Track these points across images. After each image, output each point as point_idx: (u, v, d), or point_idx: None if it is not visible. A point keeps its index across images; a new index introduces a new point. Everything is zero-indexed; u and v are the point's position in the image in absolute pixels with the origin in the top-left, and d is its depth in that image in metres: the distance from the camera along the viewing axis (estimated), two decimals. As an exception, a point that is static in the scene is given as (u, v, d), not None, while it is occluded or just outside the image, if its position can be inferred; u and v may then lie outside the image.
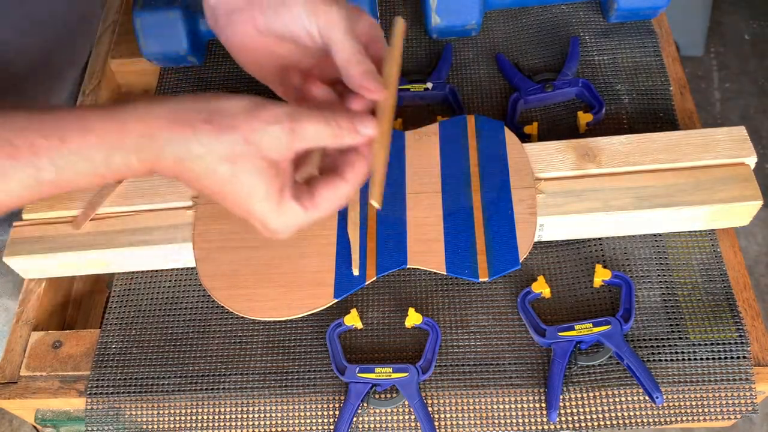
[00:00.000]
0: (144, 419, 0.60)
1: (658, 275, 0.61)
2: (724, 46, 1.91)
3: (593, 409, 0.57)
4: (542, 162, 0.63)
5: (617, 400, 0.57)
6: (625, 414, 0.56)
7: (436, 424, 0.58)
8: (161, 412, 0.60)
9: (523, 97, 0.71)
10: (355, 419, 0.58)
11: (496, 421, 0.57)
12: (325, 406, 0.59)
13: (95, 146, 0.43)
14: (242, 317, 0.62)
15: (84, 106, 0.45)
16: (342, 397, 0.59)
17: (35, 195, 0.43)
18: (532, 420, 0.57)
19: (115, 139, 0.43)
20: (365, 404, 0.58)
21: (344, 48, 0.51)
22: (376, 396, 0.59)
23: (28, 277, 0.69)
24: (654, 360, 0.57)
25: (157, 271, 0.67)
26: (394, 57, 0.53)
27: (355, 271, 0.60)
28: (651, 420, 0.56)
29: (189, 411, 0.60)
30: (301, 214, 0.48)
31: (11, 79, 0.60)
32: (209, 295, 0.63)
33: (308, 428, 0.59)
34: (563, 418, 0.57)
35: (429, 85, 0.72)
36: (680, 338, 0.58)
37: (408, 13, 0.82)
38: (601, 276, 0.60)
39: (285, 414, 0.59)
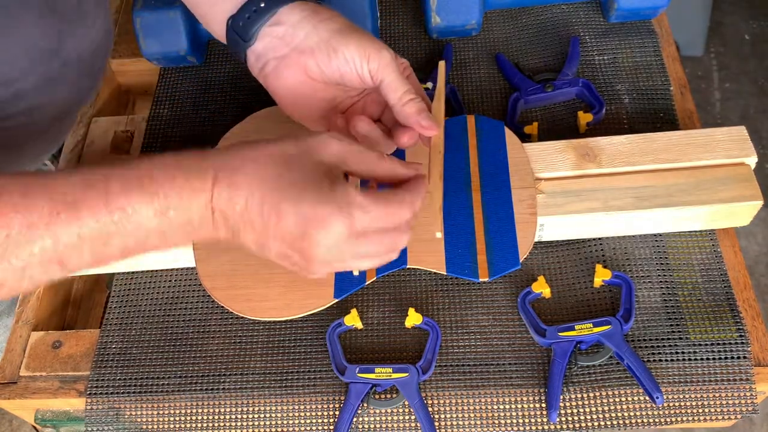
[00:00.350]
0: (144, 419, 0.60)
1: (659, 275, 0.61)
2: (724, 46, 1.91)
3: (593, 409, 0.57)
4: (542, 162, 0.63)
5: (617, 400, 0.57)
6: (625, 414, 0.56)
7: (436, 424, 0.58)
8: (161, 412, 0.60)
9: (523, 97, 0.71)
10: (355, 419, 0.58)
11: (496, 422, 0.57)
12: (325, 406, 0.59)
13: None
14: (242, 317, 0.61)
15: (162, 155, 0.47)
16: (342, 398, 0.59)
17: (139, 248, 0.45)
18: (532, 420, 0.57)
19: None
20: (365, 404, 0.58)
21: (398, 88, 0.53)
22: (376, 396, 0.59)
23: (28, 277, 0.68)
24: (654, 360, 0.57)
25: (157, 271, 0.67)
26: (441, 97, 0.57)
27: (355, 271, 0.60)
28: (651, 420, 0.56)
29: (189, 411, 0.60)
30: (355, 197, 0.45)
31: (35, 124, 0.61)
32: (209, 295, 0.63)
33: (308, 428, 0.59)
34: (563, 418, 0.57)
35: (429, 84, 0.72)
36: (680, 338, 0.58)
37: (408, 13, 0.82)
38: (601, 276, 0.60)
39: (285, 414, 0.59)
